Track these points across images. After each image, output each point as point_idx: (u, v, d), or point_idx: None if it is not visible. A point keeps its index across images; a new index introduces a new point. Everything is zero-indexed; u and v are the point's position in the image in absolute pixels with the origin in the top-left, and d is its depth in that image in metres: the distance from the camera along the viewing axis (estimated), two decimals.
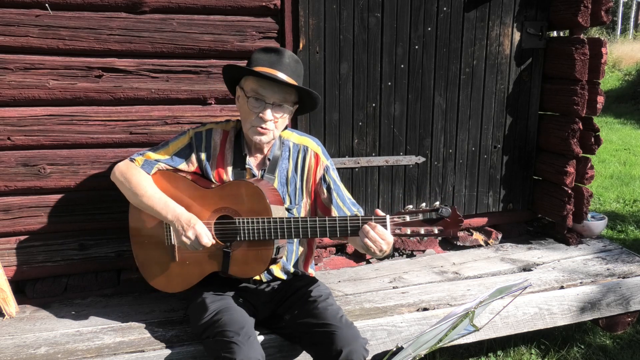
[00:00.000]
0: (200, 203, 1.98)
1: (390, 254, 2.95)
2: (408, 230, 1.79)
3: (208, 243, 1.91)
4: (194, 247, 1.93)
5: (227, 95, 2.47)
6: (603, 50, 2.82)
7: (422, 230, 1.78)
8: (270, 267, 2.06)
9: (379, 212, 1.82)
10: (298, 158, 2.10)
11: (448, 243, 3.10)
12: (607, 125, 8.74)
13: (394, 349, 2.10)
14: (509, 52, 2.94)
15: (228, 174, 2.06)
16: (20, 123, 2.29)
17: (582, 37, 2.86)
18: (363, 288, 2.57)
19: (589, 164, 2.97)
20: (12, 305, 2.31)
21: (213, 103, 2.50)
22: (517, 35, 2.93)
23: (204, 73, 2.44)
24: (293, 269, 2.15)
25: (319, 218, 1.87)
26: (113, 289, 2.55)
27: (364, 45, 2.69)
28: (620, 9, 18.68)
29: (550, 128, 3.04)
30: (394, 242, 2.94)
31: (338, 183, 2.13)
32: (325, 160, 2.12)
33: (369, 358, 2.22)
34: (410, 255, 2.99)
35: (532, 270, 2.74)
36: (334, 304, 2.02)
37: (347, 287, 2.59)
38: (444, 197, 3.00)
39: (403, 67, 2.77)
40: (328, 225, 1.85)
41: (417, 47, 2.77)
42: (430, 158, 2.94)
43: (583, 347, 2.72)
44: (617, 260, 2.84)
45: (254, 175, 2.05)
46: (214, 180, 2.06)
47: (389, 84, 2.77)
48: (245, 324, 1.89)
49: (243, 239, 1.91)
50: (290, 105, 1.98)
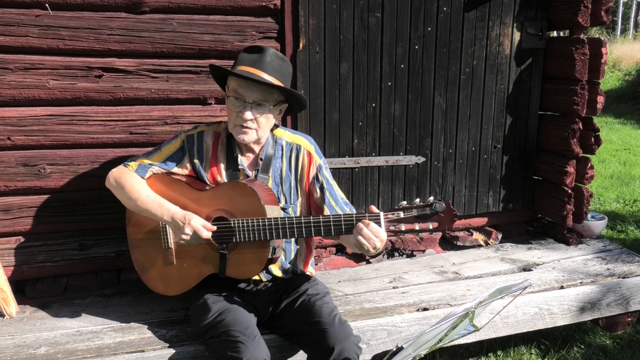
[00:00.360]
0: (196, 205, 1.98)
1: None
2: (402, 227, 1.78)
3: (208, 235, 1.91)
4: (195, 242, 1.93)
5: None
6: (603, 50, 2.82)
7: (416, 226, 1.76)
8: (269, 266, 2.06)
9: (373, 208, 1.80)
10: (291, 157, 2.09)
11: (448, 243, 3.10)
12: (607, 125, 8.73)
13: (394, 349, 2.10)
14: (509, 52, 2.94)
15: (222, 176, 2.05)
16: (20, 123, 2.29)
17: (582, 37, 2.86)
18: (363, 288, 2.57)
19: (589, 164, 2.97)
20: (12, 305, 2.31)
21: (213, 103, 2.50)
22: (517, 35, 2.93)
23: (204, 73, 2.44)
24: (292, 269, 2.15)
25: (313, 217, 1.86)
26: (113, 289, 2.55)
27: (364, 45, 2.69)
28: (620, 9, 18.67)
29: (550, 128, 3.04)
30: (394, 240, 2.98)
31: (331, 182, 2.12)
32: (318, 159, 2.10)
33: (369, 358, 2.23)
34: (410, 255, 2.99)
35: (532, 270, 2.74)
36: (330, 303, 2.02)
37: (347, 287, 2.59)
38: (444, 197, 3.00)
39: (403, 67, 2.77)
40: (322, 224, 1.84)
41: (417, 47, 2.77)
42: (430, 158, 2.93)
43: (583, 347, 2.72)
44: (617, 260, 2.84)
45: (248, 176, 2.05)
46: (209, 182, 2.06)
47: (389, 84, 2.77)
48: (250, 324, 1.89)
49: (239, 240, 1.91)
50: (273, 104, 1.95)
